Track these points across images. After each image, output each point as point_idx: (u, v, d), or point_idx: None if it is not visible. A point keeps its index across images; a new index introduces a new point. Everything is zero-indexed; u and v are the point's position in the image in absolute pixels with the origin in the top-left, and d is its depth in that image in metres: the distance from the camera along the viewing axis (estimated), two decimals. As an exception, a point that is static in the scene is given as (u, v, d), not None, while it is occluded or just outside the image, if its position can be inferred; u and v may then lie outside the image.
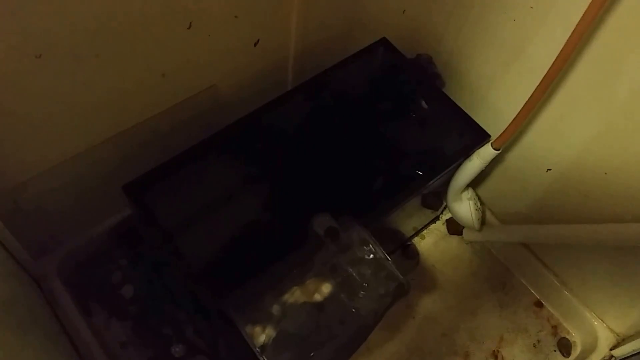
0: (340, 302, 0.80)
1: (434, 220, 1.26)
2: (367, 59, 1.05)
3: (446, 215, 1.27)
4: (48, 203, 0.94)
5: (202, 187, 0.92)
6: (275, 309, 0.78)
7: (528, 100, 0.85)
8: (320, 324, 0.78)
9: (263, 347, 0.75)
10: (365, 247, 0.82)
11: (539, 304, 1.19)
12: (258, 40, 0.99)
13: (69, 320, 1.00)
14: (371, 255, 0.82)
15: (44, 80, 0.73)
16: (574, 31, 0.74)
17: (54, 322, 0.98)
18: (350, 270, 0.81)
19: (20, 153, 0.81)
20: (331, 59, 1.04)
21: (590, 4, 0.70)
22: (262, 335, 0.76)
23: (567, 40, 0.75)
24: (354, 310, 0.79)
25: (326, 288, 0.80)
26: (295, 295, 0.79)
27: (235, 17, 0.90)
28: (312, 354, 0.76)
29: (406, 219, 1.14)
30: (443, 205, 1.21)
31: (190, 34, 0.85)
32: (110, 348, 1.03)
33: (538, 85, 0.82)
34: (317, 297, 0.80)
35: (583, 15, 0.71)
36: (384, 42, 1.06)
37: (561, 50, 0.77)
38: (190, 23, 0.83)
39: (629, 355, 1.02)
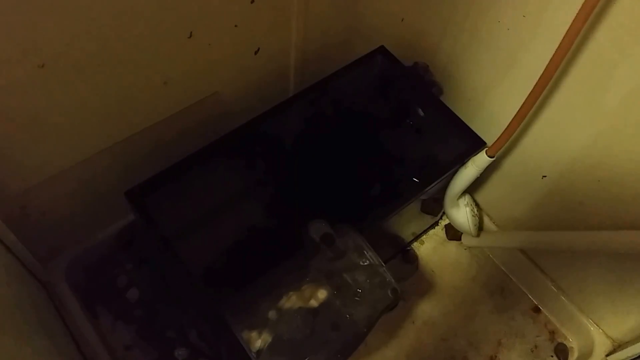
0: (334, 308, 0.81)
1: (433, 226, 1.27)
2: (366, 66, 1.07)
3: (445, 221, 1.27)
4: (54, 209, 0.96)
5: (203, 194, 0.94)
6: (272, 314, 0.79)
7: (520, 108, 0.86)
8: (315, 329, 0.79)
9: (259, 352, 0.77)
10: (360, 254, 0.84)
11: (537, 310, 1.19)
12: (258, 49, 1.00)
13: (75, 323, 1.02)
14: (366, 262, 0.83)
15: (48, 89, 0.75)
16: (562, 40, 0.75)
17: (60, 325, 1.00)
18: (345, 276, 0.82)
19: (27, 160, 0.83)
20: (331, 67, 1.05)
21: (577, 13, 0.71)
22: (259, 341, 0.77)
23: (557, 49, 0.76)
24: (348, 316, 0.80)
25: (322, 294, 0.81)
26: (291, 301, 0.80)
27: (235, 26, 0.91)
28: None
29: (405, 224, 1.15)
30: (442, 211, 1.22)
31: (191, 43, 0.86)
32: (115, 351, 1.05)
33: (530, 93, 0.83)
34: (313, 303, 0.81)
35: (571, 24, 0.73)
36: (382, 50, 1.07)
37: (551, 59, 0.78)
38: (191, 32, 0.85)
39: (624, 361, 1.03)
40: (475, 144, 0.98)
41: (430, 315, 1.17)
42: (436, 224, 1.27)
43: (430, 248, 1.25)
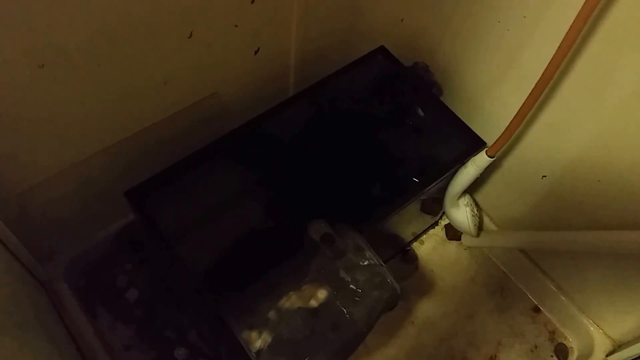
0: (334, 308, 0.81)
1: (433, 226, 1.27)
2: (366, 66, 1.07)
3: (445, 221, 1.27)
4: (54, 208, 0.96)
5: (203, 193, 0.93)
6: (272, 314, 0.79)
7: (520, 108, 0.86)
8: (315, 329, 0.79)
9: (259, 352, 0.77)
10: (360, 254, 0.84)
11: (537, 310, 1.19)
12: (258, 49, 1.00)
13: (75, 323, 1.02)
14: (366, 262, 0.83)
15: (48, 90, 0.75)
16: (562, 40, 0.75)
17: (60, 325, 1.00)
18: (345, 276, 0.82)
19: (26, 160, 0.83)
20: (331, 67, 1.05)
21: (578, 13, 0.71)
22: (259, 341, 0.77)
23: (557, 49, 0.76)
24: (348, 316, 0.80)
25: (322, 294, 0.81)
26: (291, 301, 0.80)
27: (235, 26, 0.91)
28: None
29: (405, 224, 1.15)
30: (442, 211, 1.22)
31: (191, 43, 0.86)
32: (115, 351, 1.05)
33: (530, 94, 0.84)
34: (313, 303, 0.81)
35: (571, 24, 0.73)
36: (382, 50, 1.07)
37: (551, 60, 0.78)
38: (191, 32, 0.85)
39: (625, 361, 1.03)
40: (475, 144, 0.98)
41: (430, 315, 1.17)
42: (436, 224, 1.27)
43: (430, 248, 1.25)
